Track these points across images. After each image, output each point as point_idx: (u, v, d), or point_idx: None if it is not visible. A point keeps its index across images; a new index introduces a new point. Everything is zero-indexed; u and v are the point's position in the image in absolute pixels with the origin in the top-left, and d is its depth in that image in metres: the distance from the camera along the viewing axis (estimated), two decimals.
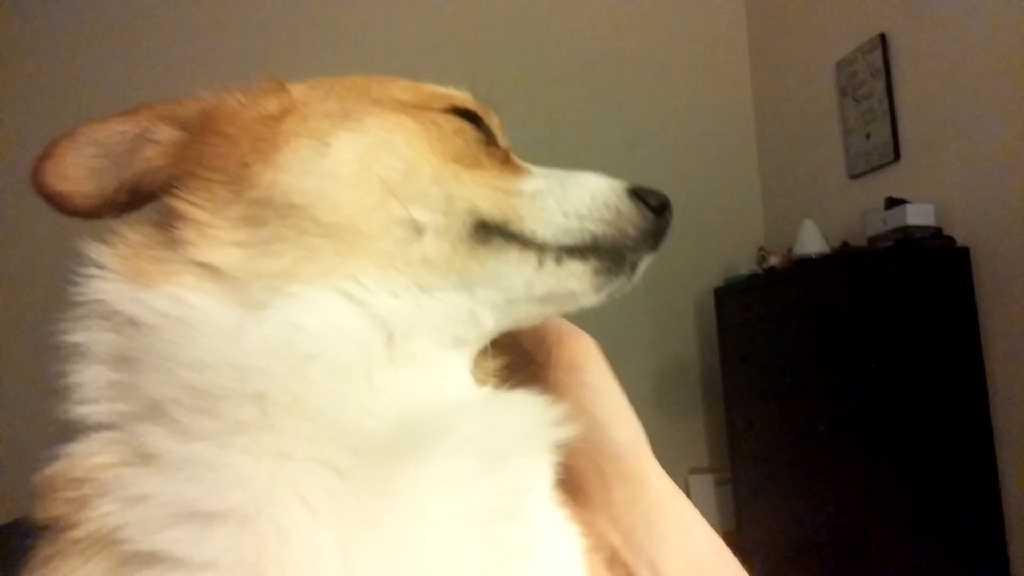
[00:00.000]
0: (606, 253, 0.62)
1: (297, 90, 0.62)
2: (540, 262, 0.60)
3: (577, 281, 0.61)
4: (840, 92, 3.93)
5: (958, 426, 2.95)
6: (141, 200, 0.58)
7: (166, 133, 0.58)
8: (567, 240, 0.60)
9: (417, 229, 0.57)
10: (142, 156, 0.58)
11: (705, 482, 4.15)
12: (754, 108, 4.69)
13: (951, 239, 3.15)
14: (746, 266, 4.04)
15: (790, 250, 3.70)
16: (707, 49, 4.62)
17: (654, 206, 0.64)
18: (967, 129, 3.18)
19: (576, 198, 0.62)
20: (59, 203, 0.58)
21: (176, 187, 0.55)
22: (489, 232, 0.59)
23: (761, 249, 4.02)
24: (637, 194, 0.64)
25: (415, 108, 0.62)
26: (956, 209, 3.19)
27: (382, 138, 0.59)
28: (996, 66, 3.04)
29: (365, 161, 0.57)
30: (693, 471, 4.18)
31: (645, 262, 0.65)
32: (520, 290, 0.60)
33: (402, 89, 0.65)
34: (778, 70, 4.52)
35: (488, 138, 0.66)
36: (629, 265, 0.64)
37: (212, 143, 0.57)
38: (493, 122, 0.68)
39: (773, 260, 3.76)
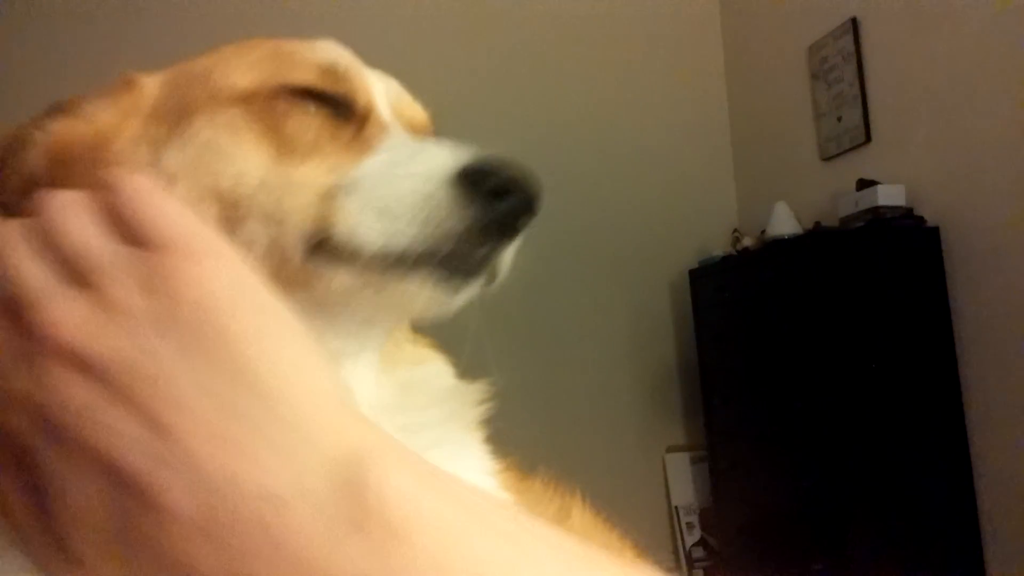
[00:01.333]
0: (436, 258, 0.53)
1: (149, 85, 0.59)
2: (365, 278, 0.53)
3: (414, 294, 0.53)
4: (812, 76, 3.96)
5: (930, 403, 3.00)
6: None
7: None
8: (385, 246, 0.52)
9: (247, 245, 0.52)
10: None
11: (682, 460, 4.20)
12: (727, 92, 4.71)
13: (921, 219, 3.19)
14: (720, 248, 4.08)
15: (763, 232, 3.72)
16: (680, 32, 4.64)
17: (490, 189, 0.52)
18: (937, 111, 3.22)
19: (392, 191, 0.53)
20: None
21: None
22: (317, 245, 0.53)
23: (735, 231, 4.06)
24: (470, 176, 0.53)
25: (250, 95, 0.57)
26: (926, 190, 3.23)
27: (209, 141, 0.55)
28: (965, 49, 3.09)
29: (194, 172, 0.54)
30: (670, 449, 4.22)
31: (505, 250, 0.56)
32: (360, 308, 0.55)
33: (246, 68, 0.59)
34: (751, 54, 4.55)
35: (338, 108, 0.60)
36: (476, 262, 0.54)
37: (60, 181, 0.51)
38: (351, 83, 0.61)
39: (747, 241, 3.80)
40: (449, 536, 0.36)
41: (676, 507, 4.12)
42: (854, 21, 3.64)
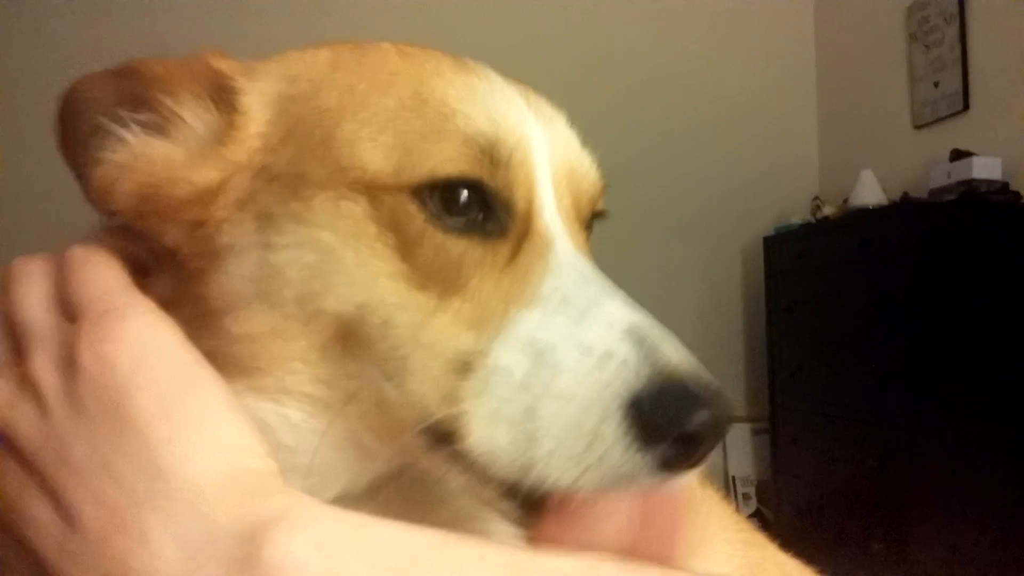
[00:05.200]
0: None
1: (254, 109, 0.50)
2: (485, 496, 0.45)
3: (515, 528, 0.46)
4: (909, 38, 3.76)
5: (1012, 385, 2.87)
6: None
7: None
8: (509, 471, 0.43)
9: (355, 386, 0.48)
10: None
11: (742, 431, 4.13)
12: (816, 51, 4.52)
13: (1017, 194, 3.03)
14: (799, 215, 3.95)
15: (846, 200, 3.61)
16: None
17: (677, 434, 0.41)
18: None
19: (540, 411, 0.42)
20: None
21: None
22: (440, 437, 0.45)
23: (816, 198, 3.93)
24: (645, 409, 0.41)
25: (380, 186, 0.47)
26: None
27: (330, 248, 0.47)
28: None
29: (307, 282, 0.47)
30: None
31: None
32: (464, 505, 0.49)
33: (376, 137, 0.48)
34: (844, 12, 4.34)
35: (491, 211, 0.49)
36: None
37: (151, 225, 0.49)
38: (513, 173, 0.49)
39: (828, 210, 3.70)
40: None
41: (733, 477, 4.07)
42: None
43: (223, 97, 0.51)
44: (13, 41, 3.43)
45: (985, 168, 3.07)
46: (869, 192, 3.47)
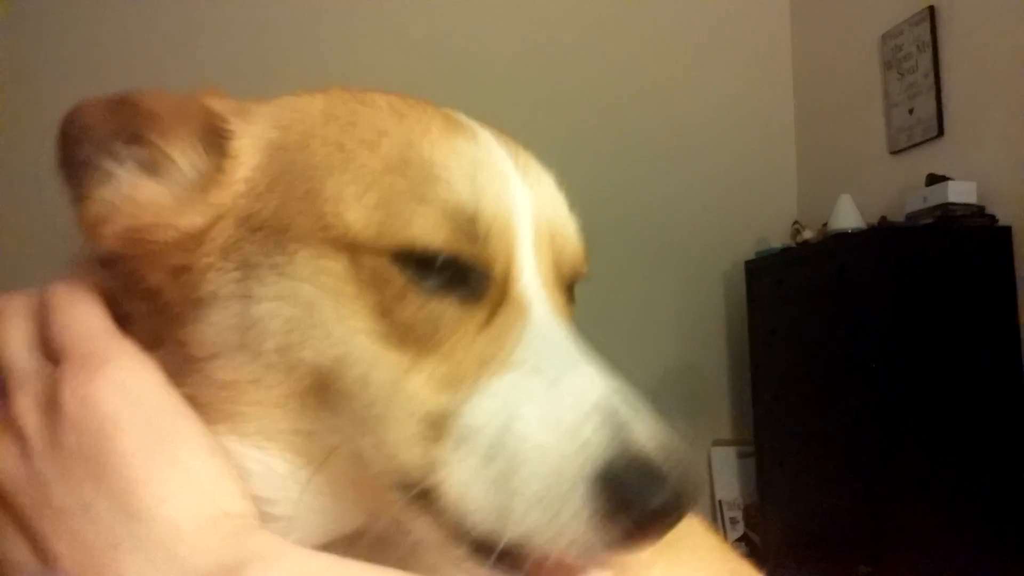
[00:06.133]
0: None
1: (245, 153, 0.51)
2: (455, 553, 0.46)
3: None
4: (884, 65, 3.83)
5: (991, 408, 2.91)
6: None
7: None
8: (482, 532, 0.44)
9: (331, 438, 0.48)
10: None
11: (728, 454, 4.14)
12: (793, 78, 4.58)
13: (993, 218, 3.08)
14: (779, 240, 3.99)
15: (825, 225, 3.64)
16: (747, 14, 4.52)
17: (641, 509, 0.42)
18: (1014, 106, 3.09)
19: (515, 471, 0.43)
20: None
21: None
22: (416, 494, 0.46)
23: (795, 223, 3.96)
24: (610, 485, 0.42)
25: (361, 246, 0.48)
26: (1000, 188, 3.12)
27: (310, 303, 0.47)
28: None
29: (286, 333, 0.47)
30: (716, 443, 4.16)
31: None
32: (425, 561, 0.48)
33: (361, 197, 0.48)
34: (820, 41, 4.42)
35: (468, 278, 0.49)
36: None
37: (136, 267, 0.50)
38: (490, 245, 0.50)
39: (807, 234, 3.73)
40: None
41: (719, 501, 4.07)
42: (931, 9, 3.50)
43: (215, 140, 0.51)
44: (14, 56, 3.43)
45: (961, 192, 3.12)
46: (847, 216, 3.51)
